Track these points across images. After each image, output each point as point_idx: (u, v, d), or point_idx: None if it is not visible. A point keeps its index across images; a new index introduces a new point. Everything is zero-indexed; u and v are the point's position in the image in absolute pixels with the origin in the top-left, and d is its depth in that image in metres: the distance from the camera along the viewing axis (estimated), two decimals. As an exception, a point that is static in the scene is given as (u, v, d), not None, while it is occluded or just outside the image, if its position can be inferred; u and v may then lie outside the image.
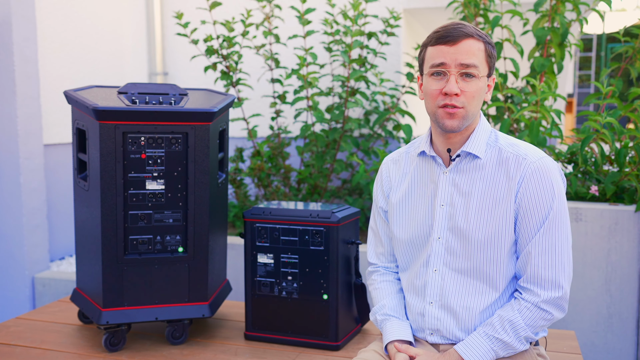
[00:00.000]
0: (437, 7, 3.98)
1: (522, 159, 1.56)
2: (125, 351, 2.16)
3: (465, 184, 1.60)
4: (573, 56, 3.74)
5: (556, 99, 3.41)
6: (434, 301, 1.63)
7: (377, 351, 1.68)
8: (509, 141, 1.62)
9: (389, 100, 3.69)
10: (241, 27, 3.92)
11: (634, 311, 2.73)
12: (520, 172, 1.55)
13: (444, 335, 1.62)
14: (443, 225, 1.62)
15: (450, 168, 1.62)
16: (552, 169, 1.56)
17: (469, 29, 1.53)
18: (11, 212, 3.38)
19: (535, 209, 1.53)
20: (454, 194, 1.61)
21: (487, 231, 1.56)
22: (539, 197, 1.53)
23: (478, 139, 1.60)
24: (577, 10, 3.16)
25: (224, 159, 2.37)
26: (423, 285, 1.65)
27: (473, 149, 1.59)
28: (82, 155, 2.22)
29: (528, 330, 1.53)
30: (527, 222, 1.54)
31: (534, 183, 1.53)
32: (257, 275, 2.24)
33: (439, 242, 1.62)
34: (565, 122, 9.33)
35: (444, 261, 1.62)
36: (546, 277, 1.53)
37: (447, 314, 1.61)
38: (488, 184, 1.58)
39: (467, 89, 1.52)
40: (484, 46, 1.55)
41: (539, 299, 1.53)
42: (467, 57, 1.51)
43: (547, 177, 1.54)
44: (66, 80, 3.83)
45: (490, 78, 1.60)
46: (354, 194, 3.75)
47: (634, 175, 2.80)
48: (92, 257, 2.17)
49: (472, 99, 1.53)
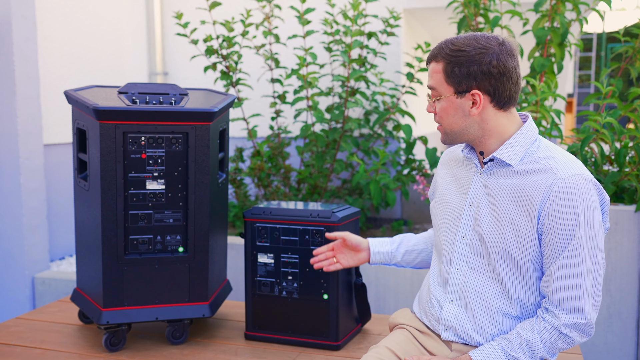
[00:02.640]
0: (437, 7, 3.98)
1: (551, 174, 1.49)
2: (126, 351, 2.17)
3: (494, 188, 1.59)
4: (573, 56, 3.74)
5: (556, 99, 3.41)
6: (454, 299, 1.64)
7: (388, 347, 1.68)
8: (547, 153, 1.54)
9: (389, 100, 3.69)
10: (241, 27, 3.91)
11: (634, 311, 2.73)
12: (547, 187, 1.48)
13: (458, 334, 1.63)
14: (469, 225, 1.63)
15: (483, 170, 1.63)
16: (582, 188, 1.46)
17: (434, 50, 1.59)
18: (11, 212, 3.38)
19: (559, 230, 1.47)
20: (482, 196, 1.61)
21: (504, 239, 1.54)
22: (563, 217, 1.46)
23: (514, 147, 1.56)
24: (577, 10, 3.16)
25: (224, 159, 2.37)
26: (446, 283, 1.68)
27: (504, 155, 1.56)
28: (82, 155, 2.22)
29: (544, 352, 1.50)
30: (551, 242, 1.49)
31: (559, 202, 1.46)
32: (257, 275, 2.24)
33: (464, 241, 1.64)
34: (565, 122, 9.32)
35: (466, 261, 1.63)
36: (568, 302, 1.48)
37: (465, 313, 1.62)
38: (514, 194, 1.54)
39: (436, 109, 1.62)
40: (442, 66, 1.55)
41: (560, 323, 1.48)
42: (430, 79, 1.61)
43: (575, 196, 1.45)
44: (66, 80, 3.83)
45: (467, 94, 1.54)
46: (354, 194, 3.75)
47: (634, 175, 2.80)
48: (92, 257, 2.17)
49: (441, 119, 1.61)
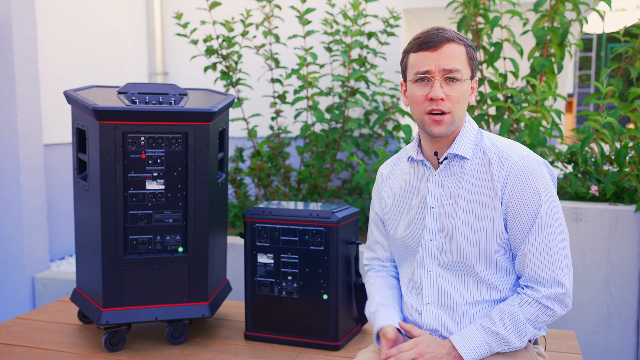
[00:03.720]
0: (437, 7, 3.98)
1: (504, 160, 1.55)
2: (125, 351, 2.17)
3: (453, 185, 1.61)
4: (573, 56, 3.74)
5: (556, 99, 3.41)
6: (431, 302, 1.64)
7: (377, 352, 1.68)
8: (492, 141, 1.61)
9: (389, 100, 3.69)
10: (241, 27, 3.91)
11: (634, 311, 2.73)
12: (504, 173, 1.54)
13: (442, 334, 1.63)
14: (434, 227, 1.63)
15: (438, 170, 1.64)
16: (535, 167, 1.54)
17: (450, 33, 1.54)
18: (11, 212, 3.38)
19: (523, 210, 1.52)
20: (443, 196, 1.62)
21: (475, 232, 1.57)
22: (525, 197, 1.52)
23: (464, 140, 1.61)
24: (577, 10, 3.15)
25: (224, 159, 2.37)
26: (420, 286, 1.66)
27: (460, 150, 1.60)
28: (82, 155, 2.22)
29: (528, 325, 1.52)
30: (517, 223, 1.54)
31: (518, 184, 1.52)
32: (257, 275, 2.24)
33: (431, 243, 1.64)
34: (565, 122, 9.33)
35: (437, 262, 1.63)
36: (545, 276, 1.52)
37: (445, 314, 1.62)
38: (474, 186, 1.58)
39: (452, 93, 1.54)
40: (465, 49, 1.56)
41: (540, 295, 1.52)
42: (449, 61, 1.52)
43: (531, 176, 1.52)
44: (66, 80, 3.83)
45: (473, 80, 1.62)
46: (354, 194, 3.75)
47: (634, 175, 2.80)
48: (92, 257, 2.17)
49: (457, 103, 1.55)
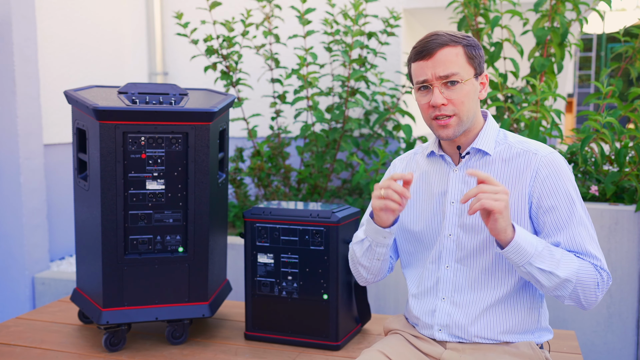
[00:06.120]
0: (437, 7, 3.98)
1: (532, 155, 1.59)
2: (125, 351, 2.17)
3: (474, 180, 1.61)
4: (573, 56, 3.74)
5: (556, 99, 3.41)
6: (446, 297, 1.65)
7: (380, 350, 1.68)
8: (518, 139, 1.65)
9: (389, 100, 3.69)
10: (241, 27, 3.91)
11: (634, 311, 2.73)
12: (533, 167, 1.57)
13: (453, 333, 1.63)
14: (454, 222, 1.64)
15: (460, 165, 1.65)
16: (562, 163, 1.59)
17: (443, 38, 1.55)
18: (11, 212, 3.38)
19: (559, 204, 1.55)
20: (464, 191, 1.63)
21: None
22: (558, 189, 1.55)
23: (487, 137, 1.63)
24: (577, 10, 3.15)
25: (224, 159, 2.37)
26: (435, 282, 1.67)
27: (482, 145, 1.62)
28: (82, 155, 2.22)
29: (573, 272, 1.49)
30: (553, 215, 1.55)
31: (550, 176, 1.56)
32: (257, 275, 2.24)
33: (450, 238, 1.64)
34: (565, 122, 9.32)
35: (455, 257, 1.64)
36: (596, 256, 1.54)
37: (459, 310, 1.63)
38: (498, 180, 1.58)
39: (453, 96, 1.55)
40: (463, 49, 1.56)
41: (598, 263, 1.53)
42: (444, 67, 1.54)
43: (560, 171, 1.57)
44: (66, 80, 3.83)
45: (481, 76, 1.62)
46: (354, 194, 3.75)
47: (634, 175, 2.80)
48: (92, 257, 2.17)
49: (462, 104, 1.56)
